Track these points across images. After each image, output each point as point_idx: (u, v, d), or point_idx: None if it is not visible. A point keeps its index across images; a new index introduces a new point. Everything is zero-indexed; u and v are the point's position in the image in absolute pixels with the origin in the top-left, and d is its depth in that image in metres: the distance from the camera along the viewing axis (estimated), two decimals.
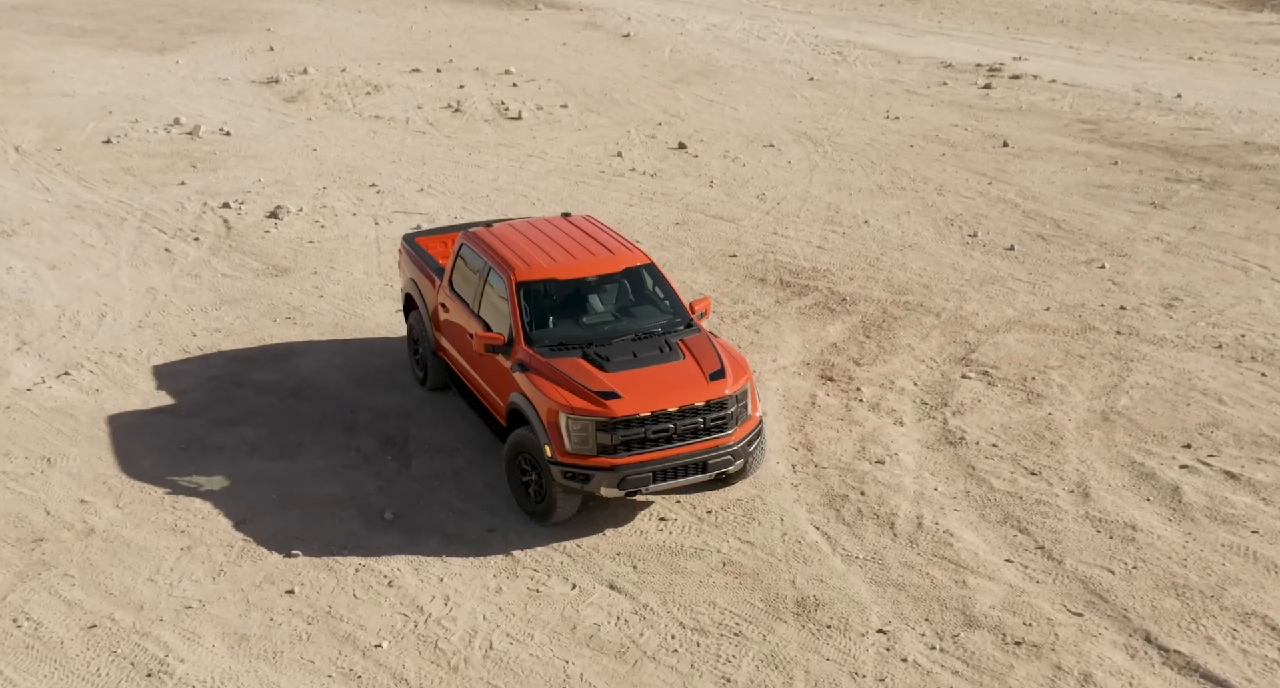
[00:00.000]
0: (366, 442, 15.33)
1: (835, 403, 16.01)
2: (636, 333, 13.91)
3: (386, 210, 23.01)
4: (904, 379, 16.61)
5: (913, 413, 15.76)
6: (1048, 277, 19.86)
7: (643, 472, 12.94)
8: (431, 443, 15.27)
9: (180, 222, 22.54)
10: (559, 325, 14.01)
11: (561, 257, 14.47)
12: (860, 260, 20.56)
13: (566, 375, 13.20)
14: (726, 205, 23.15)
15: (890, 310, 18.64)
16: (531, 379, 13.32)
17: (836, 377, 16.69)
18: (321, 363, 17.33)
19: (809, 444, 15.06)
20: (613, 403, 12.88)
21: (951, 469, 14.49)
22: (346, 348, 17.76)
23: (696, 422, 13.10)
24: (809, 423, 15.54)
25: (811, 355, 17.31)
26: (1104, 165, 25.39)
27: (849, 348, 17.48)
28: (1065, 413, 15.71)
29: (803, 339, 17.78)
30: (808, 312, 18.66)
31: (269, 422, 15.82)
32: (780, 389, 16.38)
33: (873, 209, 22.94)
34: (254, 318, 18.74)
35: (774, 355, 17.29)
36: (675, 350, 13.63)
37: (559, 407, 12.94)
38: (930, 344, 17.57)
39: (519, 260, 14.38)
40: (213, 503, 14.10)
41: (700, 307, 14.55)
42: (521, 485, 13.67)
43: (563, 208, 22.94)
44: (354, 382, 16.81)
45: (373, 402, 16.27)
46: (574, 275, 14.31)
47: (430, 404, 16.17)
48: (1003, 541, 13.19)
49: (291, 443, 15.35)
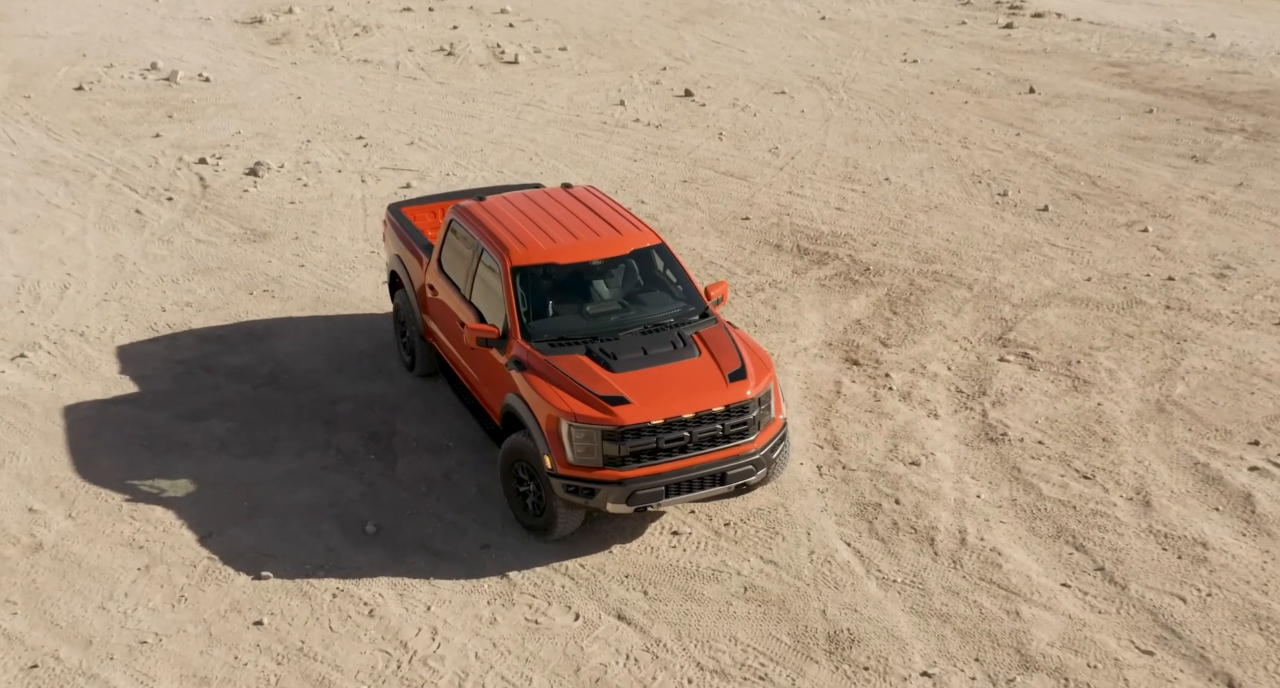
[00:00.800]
0: (347, 438, 13.80)
1: (862, 392, 14.47)
2: (646, 325, 12.34)
3: (374, 167, 21.35)
4: (936, 363, 15.06)
5: (948, 403, 14.22)
6: (1086, 242, 18.24)
7: (654, 485, 11.43)
8: (419, 440, 13.75)
9: (153, 179, 20.89)
10: (560, 316, 12.43)
11: (562, 237, 12.86)
12: (883, 224, 18.94)
13: (568, 376, 11.64)
14: (737, 160, 21.48)
15: (918, 282, 17.05)
16: (529, 380, 11.76)
17: (863, 360, 15.13)
18: (300, 344, 15.77)
19: (835, 441, 13.53)
20: (620, 409, 11.34)
21: (994, 472, 12.97)
22: (328, 326, 16.19)
23: (714, 429, 11.56)
24: (834, 415, 14.00)
25: (834, 335, 15.74)
26: (1138, 114, 23.70)
27: (875, 326, 15.91)
28: (1116, 403, 14.17)
29: (824, 316, 16.21)
30: (828, 283, 17.07)
31: (241, 414, 14.29)
32: (802, 375, 14.82)
33: (893, 164, 21.28)
34: (229, 290, 17.16)
35: (793, 335, 15.73)
36: (690, 346, 12.06)
37: (560, 413, 11.40)
38: (963, 321, 16.00)
39: (515, 241, 12.77)
40: (176, 512, 12.60)
41: (716, 292, 12.97)
42: (518, 496, 12.16)
43: (562, 162, 21.27)
44: (335, 367, 15.26)
45: (355, 390, 14.73)
46: (576, 259, 12.71)
47: (418, 393, 14.63)
48: (1057, 560, 11.70)
49: (265, 439, 13.82)
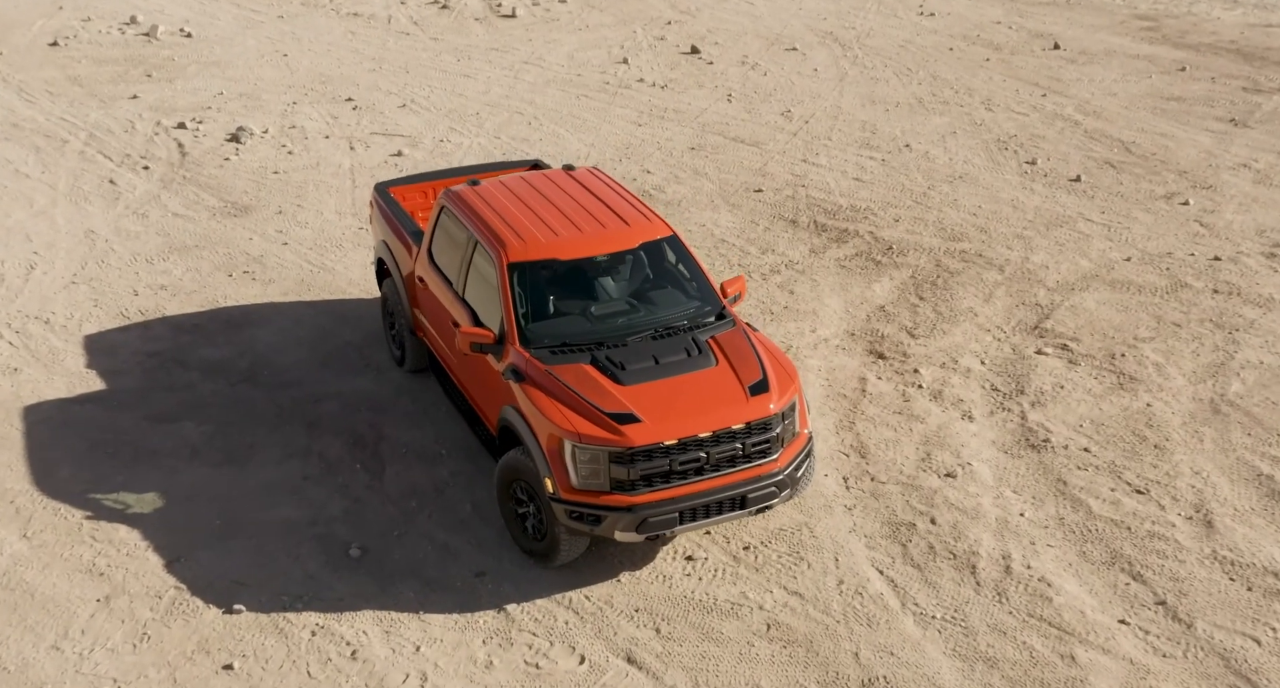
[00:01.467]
0: (331, 444, 12.58)
1: (890, 390, 13.23)
2: (657, 328, 11.09)
3: (363, 132, 19.99)
4: (969, 356, 13.81)
5: (983, 404, 12.99)
6: (1123, 216, 16.94)
7: (667, 512, 10.22)
8: (409, 445, 12.53)
9: (129, 145, 19.55)
10: (562, 319, 11.18)
11: (564, 229, 11.58)
12: (905, 196, 17.62)
13: (571, 390, 10.40)
14: (748, 125, 20.12)
15: (945, 263, 15.76)
16: (528, 393, 10.51)
17: (889, 353, 13.88)
18: (282, 334, 14.51)
19: (862, 448, 12.31)
20: (630, 429, 10.11)
21: (1038, 485, 11.76)
22: (312, 314, 14.92)
23: (734, 448, 10.33)
24: (860, 418, 12.77)
25: (857, 323, 14.48)
26: (1170, 72, 22.30)
27: (900, 313, 14.65)
28: (1166, 403, 12.93)
29: (845, 301, 14.94)
30: (849, 264, 15.79)
31: (216, 415, 13.06)
32: (823, 370, 13.58)
33: (913, 129, 19.92)
34: (206, 272, 15.88)
35: (813, 324, 14.47)
36: (706, 353, 10.81)
37: (563, 433, 10.17)
38: (995, 308, 14.74)
39: (511, 234, 11.49)
40: (142, 532, 11.41)
41: (733, 289, 11.70)
42: (516, 518, 10.96)
43: (562, 127, 19.92)
44: (319, 360, 14.01)
45: (340, 388, 13.49)
46: (580, 254, 11.44)
47: (407, 392, 13.39)
48: (1113, 592, 10.51)
49: (241, 445, 12.61)
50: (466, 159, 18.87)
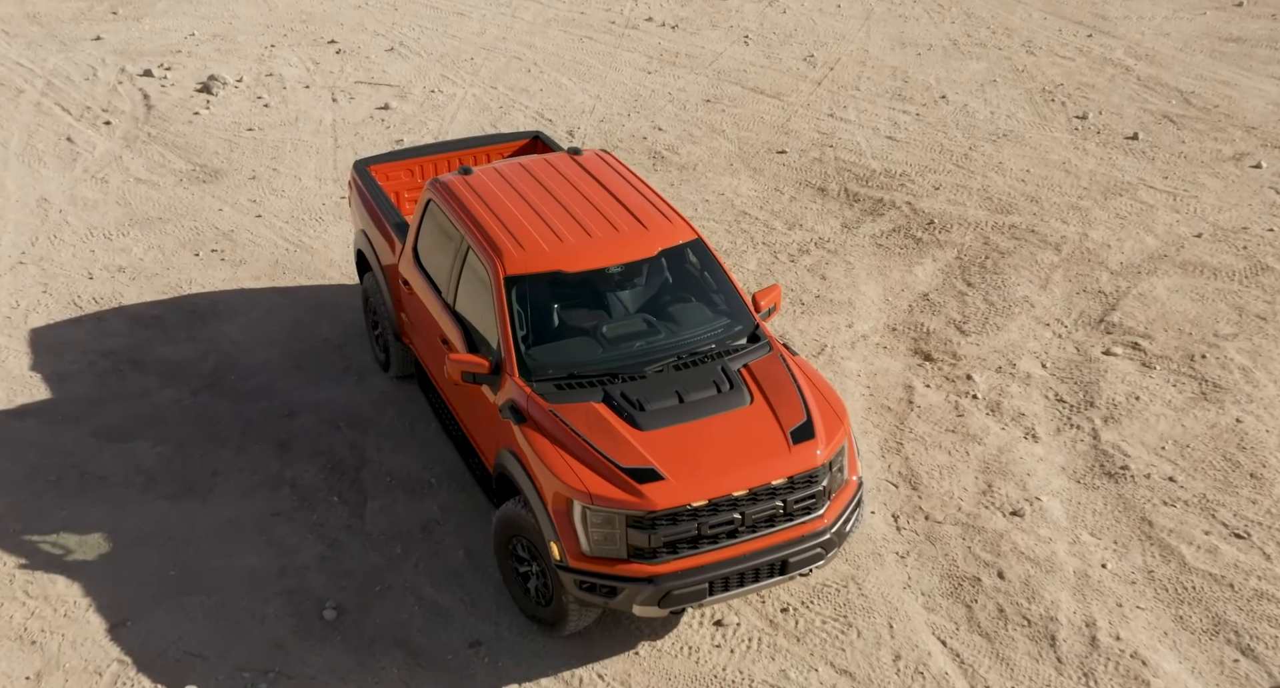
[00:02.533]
0: (305, 469, 10.89)
1: (940, 401, 11.50)
2: (681, 355, 9.32)
3: (347, 80, 18.07)
4: (1027, 357, 12.07)
5: (1048, 419, 11.27)
6: (1189, 182, 15.09)
7: (694, 582, 8.55)
8: (394, 472, 10.84)
9: (90, 95, 17.65)
10: (569, 343, 9.42)
11: (571, 233, 9.78)
12: (944, 158, 15.76)
13: (581, 437, 8.67)
14: (768, 73, 18.18)
15: (993, 240, 13.96)
16: (530, 439, 8.78)
17: (936, 353, 12.14)
18: (252, 329, 12.76)
19: (913, 477, 10.61)
20: (652, 488, 8.39)
21: (1119, 526, 10.08)
22: (286, 303, 13.16)
23: (774, 507, 8.63)
24: (908, 437, 11.06)
25: (898, 315, 12.72)
26: (1225, 7, 20.30)
27: (946, 303, 12.88)
28: (1259, 418, 11.22)
29: (884, 288, 13.17)
30: (886, 243, 13.99)
31: (175, 433, 11.36)
32: (863, 376, 11.85)
33: (949, 76, 18.00)
34: (170, 250, 14.09)
35: (849, 316, 12.70)
36: (739, 387, 9.06)
37: (572, 493, 8.46)
38: (1053, 296, 12.97)
39: (509, 241, 9.69)
40: (84, 585, 9.76)
41: (767, 301, 9.93)
42: (518, 578, 9.29)
43: (565, 75, 17.98)
44: (293, 361, 12.27)
45: (317, 397, 11.77)
46: (590, 265, 9.65)
47: (393, 402, 11.67)
48: (1219, 671, 8.86)
49: (202, 471, 10.91)
50: (460, 113, 17.00)
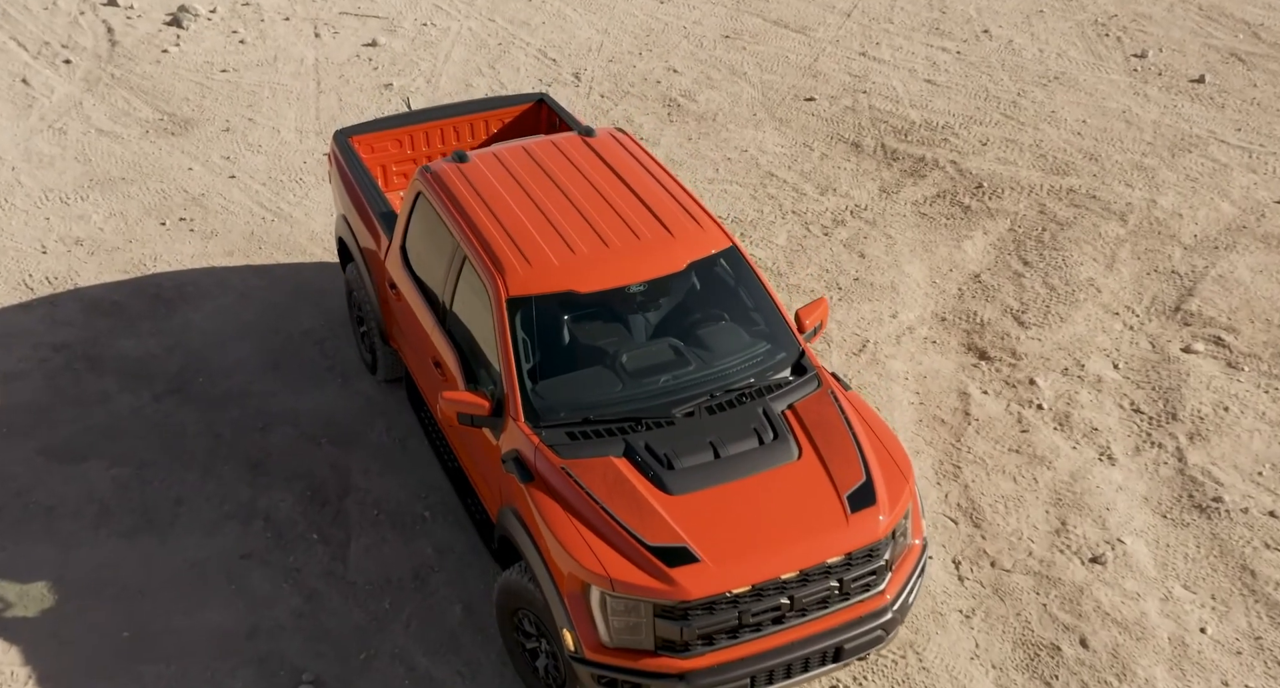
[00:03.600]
0: (281, 498, 9.50)
1: (1000, 412, 10.07)
2: (714, 393, 7.85)
3: (331, 12, 16.36)
4: (1097, 356, 10.61)
5: (1125, 435, 9.85)
6: (1265, 136, 13.50)
7: (734, 678, 7.20)
8: (382, 501, 9.45)
9: (50, 28, 15.95)
10: (583, 379, 7.96)
11: (585, 242, 8.26)
12: (990, 106, 14.13)
13: (600, 505, 7.25)
14: (791, 2, 16.43)
15: (1050, 209, 12.42)
16: (539, 504, 7.36)
17: (993, 350, 10.68)
18: (224, 318, 11.29)
19: (975, 511, 9.21)
20: (685, 573, 7.00)
21: (1216, 575, 8.71)
22: (263, 285, 11.67)
23: (828, 588, 7.22)
24: (966, 458, 9.65)
25: (947, 301, 11.24)
26: None
27: (1001, 286, 11.39)
28: None
29: (930, 267, 11.67)
30: (930, 211, 12.45)
31: (133, 450, 9.95)
32: (911, 378, 10.40)
33: (990, 6, 16.28)
34: (134, 218, 12.57)
35: (892, 304, 11.22)
36: (784, 437, 7.62)
37: (589, 576, 7.06)
38: (1122, 277, 11.48)
39: (513, 253, 8.18)
40: (21, 652, 8.45)
41: (812, 319, 8.44)
42: (524, 654, 7.92)
43: (569, 5, 16.23)
44: (269, 360, 10.82)
45: (296, 405, 10.33)
46: (607, 283, 8.15)
47: (382, 411, 10.25)
48: None
49: (164, 499, 9.53)
50: (454, 50, 15.33)
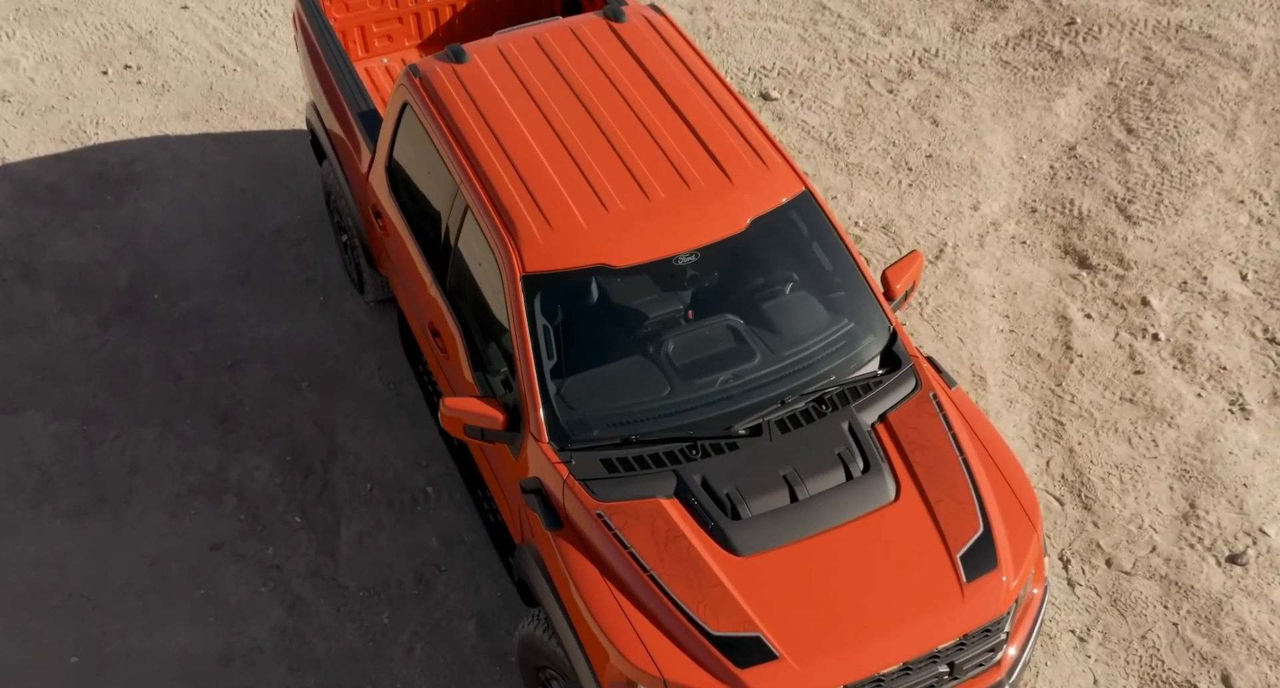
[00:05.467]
0: (256, 465, 7.92)
1: (1108, 344, 8.39)
2: (786, 400, 6.16)
3: None
4: (1221, 262, 8.87)
5: (1258, 376, 8.20)
6: None
7: None
8: (376, 470, 7.89)
9: None
10: (620, 379, 6.24)
11: (619, 191, 6.43)
12: None
13: (648, 573, 5.67)
14: None
15: (1157, 54, 10.39)
16: (571, 565, 5.80)
17: (1095, 254, 8.92)
18: (181, 208, 9.49)
19: (1084, 488, 7.65)
20: (759, 676, 5.53)
21: None
22: (226, 162, 9.81)
23: (936, 675, 5.72)
24: (1069, 411, 8.02)
25: (1038, 185, 9.40)
26: None
27: (1103, 163, 9.52)
28: None
29: (1015, 138, 9.77)
30: (1014, 58, 10.43)
31: (78, 397, 8.33)
32: (999, 296, 8.68)
33: None
34: (71, 64, 10.58)
35: (972, 191, 9.38)
36: (877, 467, 5.97)
37: (636, 673, 5.55)
38: (1245, 151, 9.61)
39: (530, 211, 6.36)
40: None
41: (903, 281, 6.68)
42: None
43: None
44: (238, 269, 9.08)
45: (269, 333, 8.65)
46: (649, 253, 6.33)
47: (372, 343, 8.60)
48: None
49: (117, 466, 7.96)
50: None
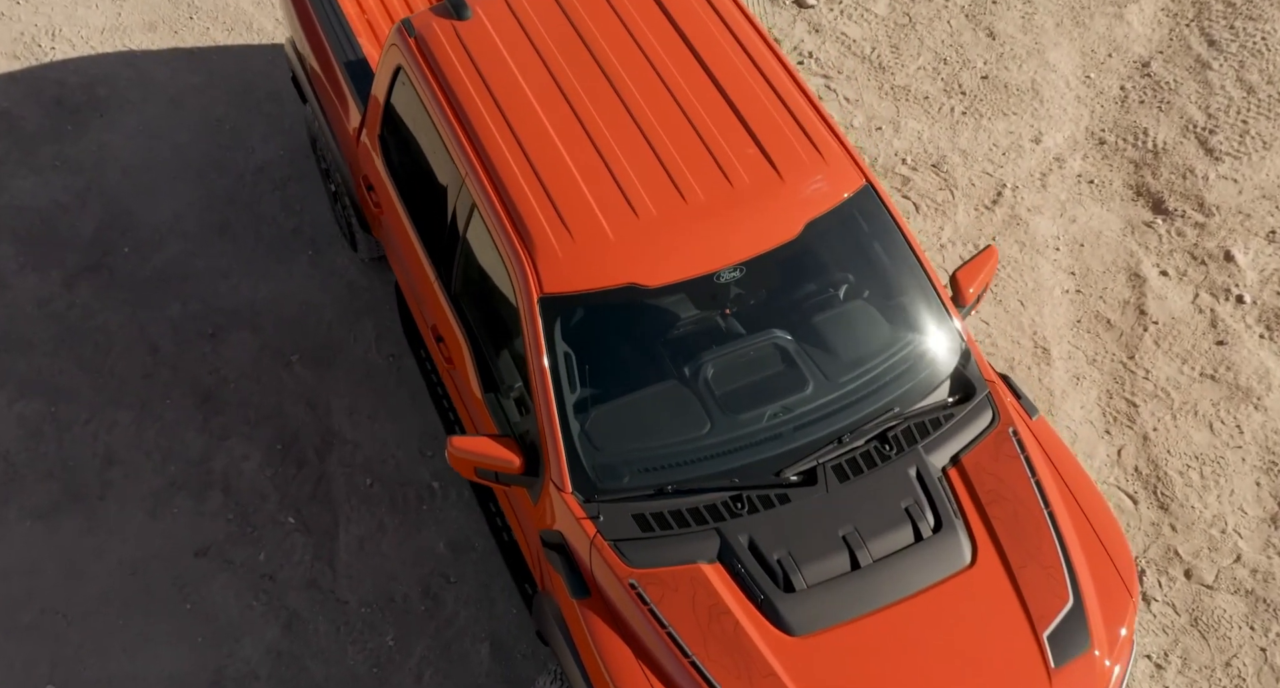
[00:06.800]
0: (243, 453, 7.18)
1: (1186, 308, 7.56)
2: (842, 436, 5.36)
3: None
4: None
5: None
6: None
7: None
8: (375, 462, 7.15)
9: None
10: (655, 421, 5.42)
11: (651, 191, 5.53)
12: None
13: (689, 658, 4.97)
14: None
15: None
16: (600, 642, 5.14)
17: (1172, 198, 8.02)
18: (150, 141, 8.53)
19: (1160, 482, 6.92)
20: None
21: None
22: (199, 84, 8.82)
23: None
24: (1143, 390, 7.25)
25: (1107, 110, 8.44)
26: None
27: (1180, 82, 8.53)
28: None
29: (1081, 52, 8.76)
30: None
31: (44, 372, 7.53)
32: (1064, 249, 7.82)
33: None
34: None
35: (1033, 119, 8.43)
36: (950, 525, 5.22)
37: None
38: None
39: (548, 217, 5.46)
40: None
41: (976, 285, 5.79)
42: None
43: None
44: (215, 217, 8.17)
45: (254, 295, 7.81)
46: (686, 271, 5.44)
47: (369, 308, 7.77)
48: None
49: (89, 458, 7.21)
50: None
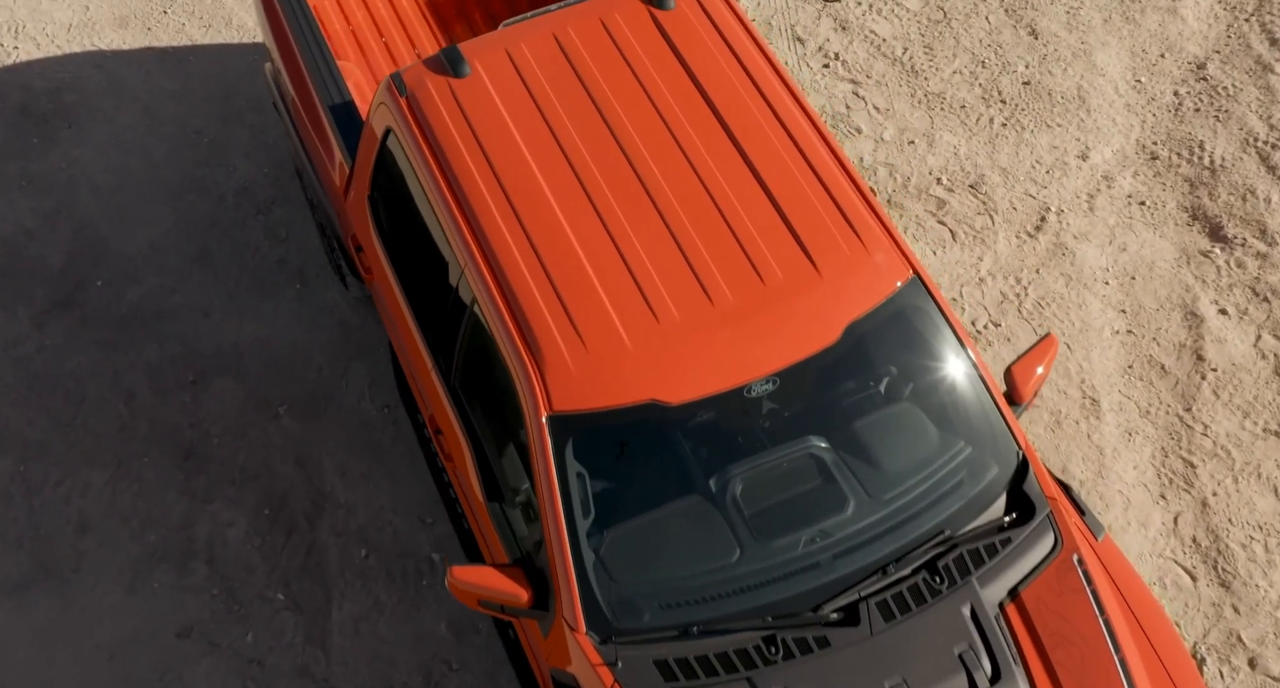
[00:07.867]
0: (228, 519, 6.65)
1: (1247, 353, 6.99)
2: (888, 564, 4.83)
3: None
4: None
5: None
6: None
7: None
8: (370, 528, 6.64)
9: None
10: (679, 549, 4.87)
11: (671, 290, 4.92)
12: None
13: None
14: None
15: None
16: None
17: (1231, 223, 7.40)
18: (123, 156, 7.90)
19: (1220, 556, 6.40)
20: None
21: None
22: (175, 90, 8.16)
23: None
24: (1201, 449, 6.69)
25: (1160, 121, 7.78)
26: None
27: (1240, 88, 7.86)
28: None
29: (1131, 54, 8.08)
30: None
31: (12, 424, 7.03)
32: (1114, 283, 7.21)
33: None
34: None
35: (1079, 131, 7.77)
36: (1009, 675, 4.69)
37: None
38: None
39: (558, 324, 4.85)
40: None
41: (1032, 383, 5.18)
42: None
43: None
44: (194, 246, 7.56)
45: (238, 336, 7.23)
46: (712, 386, 4.84)
47: (360, 351, 7.18)
48: None
49: (62, 524, 6.69)
50: None
